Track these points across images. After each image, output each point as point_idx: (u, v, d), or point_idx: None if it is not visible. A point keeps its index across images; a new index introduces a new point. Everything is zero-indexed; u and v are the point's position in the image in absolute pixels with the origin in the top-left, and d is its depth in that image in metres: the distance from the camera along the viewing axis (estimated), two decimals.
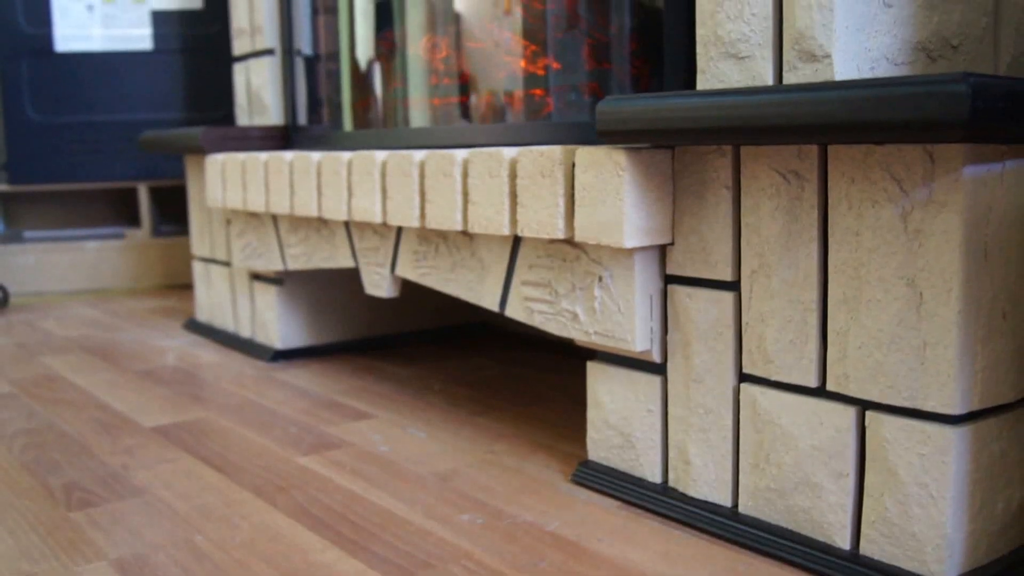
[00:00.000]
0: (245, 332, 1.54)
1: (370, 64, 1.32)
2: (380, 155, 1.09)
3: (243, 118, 1.63)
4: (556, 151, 0.86)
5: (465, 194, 0.98)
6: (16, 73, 2.09)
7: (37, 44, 2.10)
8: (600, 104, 0.80)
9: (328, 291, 1.49)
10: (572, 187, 0.86)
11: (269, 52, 1.53)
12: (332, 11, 1.43)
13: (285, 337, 1.46)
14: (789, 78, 0.79)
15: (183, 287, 2.21)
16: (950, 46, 0.85)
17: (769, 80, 0.80)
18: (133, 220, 2.33)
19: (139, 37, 2.14)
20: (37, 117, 2.11)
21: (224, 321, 1.61)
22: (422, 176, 1.03)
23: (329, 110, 1.44)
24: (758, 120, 0.69)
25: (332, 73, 1.43)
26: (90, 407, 1.22)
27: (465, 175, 0.97)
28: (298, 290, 1.46)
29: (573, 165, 0.86)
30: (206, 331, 1.65)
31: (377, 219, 1.10)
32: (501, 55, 1.12)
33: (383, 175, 1.09)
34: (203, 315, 1.69)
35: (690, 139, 0.74)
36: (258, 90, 1.55)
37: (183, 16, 2.16)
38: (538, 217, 0.89)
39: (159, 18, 2.15)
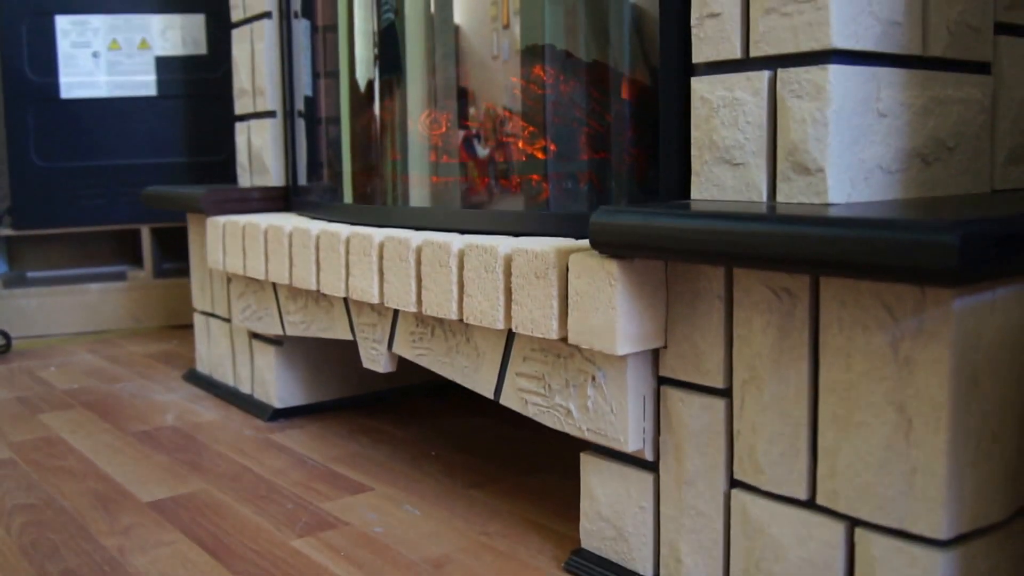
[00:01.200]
0: (245, 388, 1.54)
1: (370, 133, 1.31)
2: (377, 236, 1.08)
3: (244, 177, 1.62)
4: (550, 254, 0.86)
5: (461, 285, 0.97)
6: (22, 120, 2.09)
7: (43, 92, 2.10)
8: (594, 216, 0.79)
9: (327, 349, 1.48)
10: (566, 289, 0.85)
11: (271, 115, 1.52)
12: (334, 75, 1.42)
13: (284, 396, 1.45)
14: (783, 188, 0.79)
15: (185, 327, 2.21)
16: (946, 148, 0.85)
17: (763, 188, 0.80)
18: (136, 257, 2.33)
19: (144, 83, 2.13)
20: (42, 163, 2.11)
21: (224, 375, 1.60)
22: (418, 263, 1.02)
23: (330, 174, 1.44)
24: (747, 248, 0.68)
25: (333, 138, 1.43)
26: (89, 477, 1.21)
27: (461, 267, 0.97)
28: (297, 349, 1.46)
29: (567, 267, 0.85)
30: (206, 384, 1.64)
31: (374, 300, 1.09)
32: (500, 135, 1.11)
33: (380, 257, 1.08)
34: (203, 367, 1.68)
35: (681, 257, 0.74)
36: (259, 151, 1.55)
37: (187, 62, 2.15)
38: (532, 316, 0.88)
39: (163, 64, 2.14)
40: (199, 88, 2.15)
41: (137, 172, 2.14)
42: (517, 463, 1.25)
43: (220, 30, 2.13)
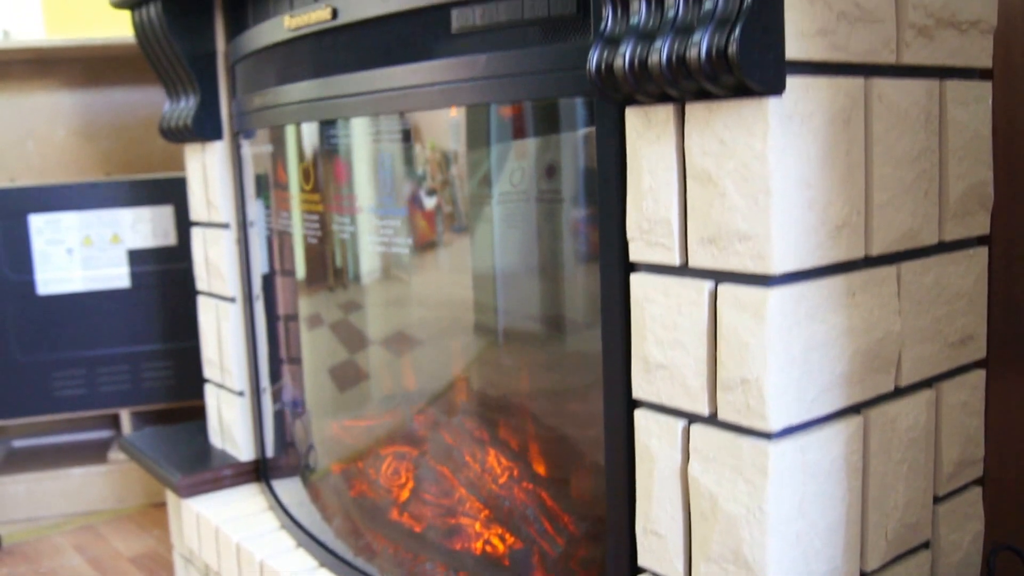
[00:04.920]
0: None
1: (335, 445, 1.28)
2: None
3: (216, 438, 1.58)
4: None
5: None
6: (2, 318, 2.02)
7: (21, 289, 2.03)
8: None
9: None
10: None
11: (239, 393, 1.48)
12: (297, 362, 1.39)
13: None
14: None
15: (165, 505, 2.16)
16: None
17: None
18: (116, 422, 2.29)
19: (117, 276, 2.08)
20: (23, 357, 2.05)
21: None
22: None
23: (295, 457, 1.40)
24: None
25: (303, 422, 1.39)
26: None
27: None
28: None
29: None
30: None
31: None
32: (459, 514, 1.08)
33: None
34: None
35: None
36: (229, 425, 1.51)
37: (158, 253, 2.09)
38: None
39: (135, 256, 2.08)
40: (171, 277, 2.10)
41: (115, 361, 2.09)
42: None
43: (189, 220, 2.06)
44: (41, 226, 2.04)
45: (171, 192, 2.08)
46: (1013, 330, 0.95)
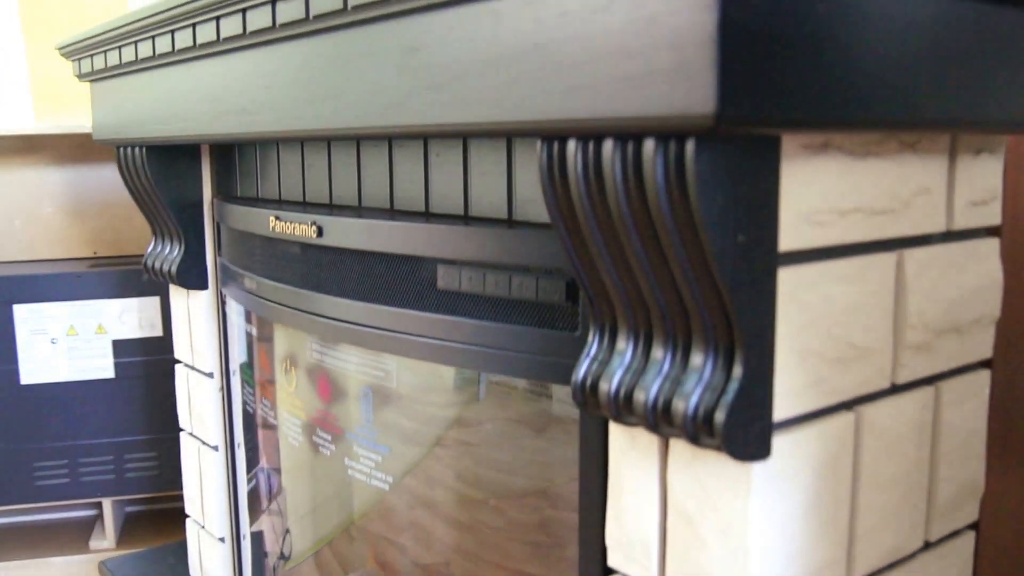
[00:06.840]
0: None
1: None
2: None
3: (196, 573, 1.58)
4: None
5: None
6: None
7: (4, 379, 2.02)
8: None
9: None
10: None
11: (220, 540, 1.48)
12: (280, 514, 1.38)
13: None
14: None
15: None
16: None
17: None
18: (98, 503, 2.28)
19: (102, 367, 2.06)
20: (5, 446, 2.04)
21: None
22: None
23: None
24: None
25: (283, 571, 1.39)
26: None
27: None
28: None
29: None
30: None
31: None
32: None
33: None
34: None
35: None
36: (209, 571, 1.50)
37: (144, 343, 2.08)
38: None
39: (120, 347, 2.07)
40: (156, 367, 2.09)
41: (98, 450, 2.08)
42: None
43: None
44: (25, 316, 2.03)
45: (158, 282, 2.07)
46: None
